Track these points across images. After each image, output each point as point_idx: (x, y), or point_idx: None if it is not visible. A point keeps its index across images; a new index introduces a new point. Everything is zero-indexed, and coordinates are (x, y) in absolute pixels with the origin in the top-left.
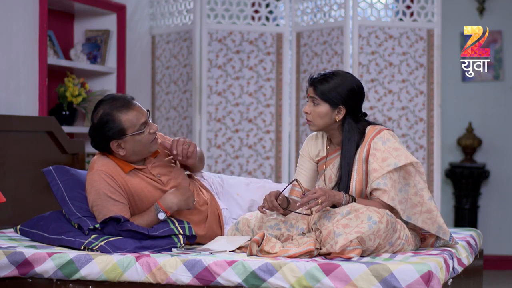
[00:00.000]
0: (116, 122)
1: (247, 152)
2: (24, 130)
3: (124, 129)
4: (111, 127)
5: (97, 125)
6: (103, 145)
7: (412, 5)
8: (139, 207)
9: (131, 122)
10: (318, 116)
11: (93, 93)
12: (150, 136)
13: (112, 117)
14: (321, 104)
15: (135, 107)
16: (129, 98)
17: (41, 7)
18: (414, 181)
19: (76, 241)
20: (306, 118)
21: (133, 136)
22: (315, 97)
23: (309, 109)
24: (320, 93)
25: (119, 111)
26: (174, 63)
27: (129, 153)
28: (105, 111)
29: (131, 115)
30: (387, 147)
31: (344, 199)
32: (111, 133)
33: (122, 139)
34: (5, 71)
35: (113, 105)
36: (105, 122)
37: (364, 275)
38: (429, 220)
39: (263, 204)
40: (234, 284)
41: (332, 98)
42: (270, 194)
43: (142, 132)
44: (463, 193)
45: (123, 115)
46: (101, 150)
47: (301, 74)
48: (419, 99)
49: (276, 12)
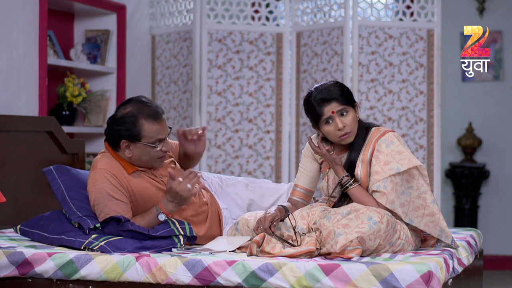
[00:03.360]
0: (137, 126)
1: (247, 152)
2: (24, 130)
3: (140, 136)
4: (130, 128)
5: (118, 120)
6: (115, 139)
7: (412, 5)
8: (142, 207)
9: (150, 133)
10: (353, 123)
11: (93, 93)
12: (160, 153)
13: (136, 120)
14: (349, 109)
15: (161, 122)
16: (160, 111)
17: (41, 7)
18: (417, 184)
19: (76, 241)
20: (345, 132)
21: (145, 146)
22: (343, 106)
23: (344, 122)
24: (345, 101)
25: (145, 118)
26: (174, 63)
27: (134, 158)
28: (133, 110)
29: (154, 127)
30: (390, 150)
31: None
32: (127, 134)
33: (134, 143)
34: (5, 71)
35: (143, 109)
36: (127, 121)
37: (364, 275)
38: (432, 223)
39: (257, 225)
40: (234, 284)
41: (351, 98)
42: (266, 219)
43: (155, 147)
44: (463, 193)
45: (147, 123)
46: (111, 142)
47: (301, 74)
48: (419, 99)
49: (276, 12)
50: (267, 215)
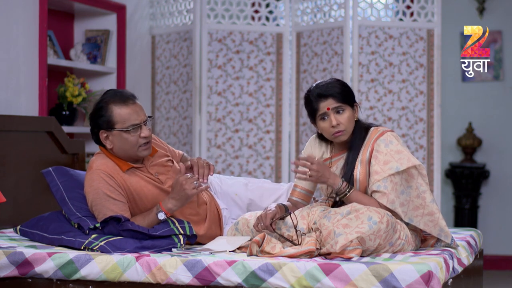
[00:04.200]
0: (108, 112)
1: (247, 152)
2: (24, 130)
3: (112, 122)
4: (102, 115)
5: (94, 112)
6: (95, 132)
7: (412, 5)
8: (139, 206)
9: (121, 118)
10: (348, 122)
11: (93, 93)
12: (140, 140)
13: (105, 106)
14: (346, 108)
15: (131, 105)
16: (130, 95)
17: (41, 7)
18: (417, 184)
19: (76, 241)
20: (338, 130)
21: (120, 133)
22: (339, 104)
23: (338, 119)
24: (342, 99)
25: (114, 103)
26: (174, 63)
27: (116, 148)
28: (103, 99)
29: (123, 111)
30: (389, 150)
31: (338, 185)
32: (101, 122)
33: (110, 132)
34: (5, 71)
35: (111, 97)
36: (98, 109)
37: (364, 275)
38: (431, 222)
39: (257, 222)
40: (234, 284)
41: (350, 97)
42: (267, 216)
43: (128, 131)
44: (463, 193)
45: (116, 108)
46: (95, 140)
47: (301, 74)
48: (419, 99)
49: (276, 12)
50: (268, 212)
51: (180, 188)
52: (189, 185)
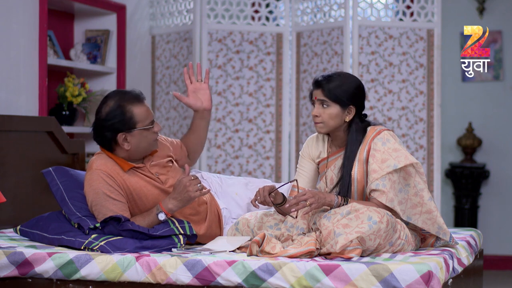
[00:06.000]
0: (128, 113)
1: (247, 152)
2: (24, 130)
3: (135, 122)
4: (123, 118)
5: (106, 116)
6: (109, 138)
7: (412, 5)
8: (139, 206)
9: (142, 116)
10: (329, 118)
11: (93, 93)
12: (154, 135)
13: (124, 109)
14: (331, 105)
15: (145, 103)
16: (139, 93)
17: (41, 7)
18: (414, 182)
19: (76, 241)
20: (316, 121)
21: (141, 131)
22: (325, 99)
23: (318, 111)
24: (329, 93)
25: (131, 103)
26: (174, 63)
27: (133, 148)
28: (116, 102)
29: (142, 109)
30: (386, 148)
31: (336, 201)
32: (121, 125)
33: (130, 132)
34: (5, 71)
35: (124, 97)
36: (116, 113)
37: (364, 275)
38: (429, 220)
39: (255, 197)
40: (234, 284)
41: (341, 97)
42: (264, 189)
43: (151, 127)
44: (463, 193)
45: (135, 107)
46: (105, 144)
47: (301, 74)
48: (419, 99)
49: (276, 12)
50: (265, 186)
51: (183, 190)
52: (193, 187)
